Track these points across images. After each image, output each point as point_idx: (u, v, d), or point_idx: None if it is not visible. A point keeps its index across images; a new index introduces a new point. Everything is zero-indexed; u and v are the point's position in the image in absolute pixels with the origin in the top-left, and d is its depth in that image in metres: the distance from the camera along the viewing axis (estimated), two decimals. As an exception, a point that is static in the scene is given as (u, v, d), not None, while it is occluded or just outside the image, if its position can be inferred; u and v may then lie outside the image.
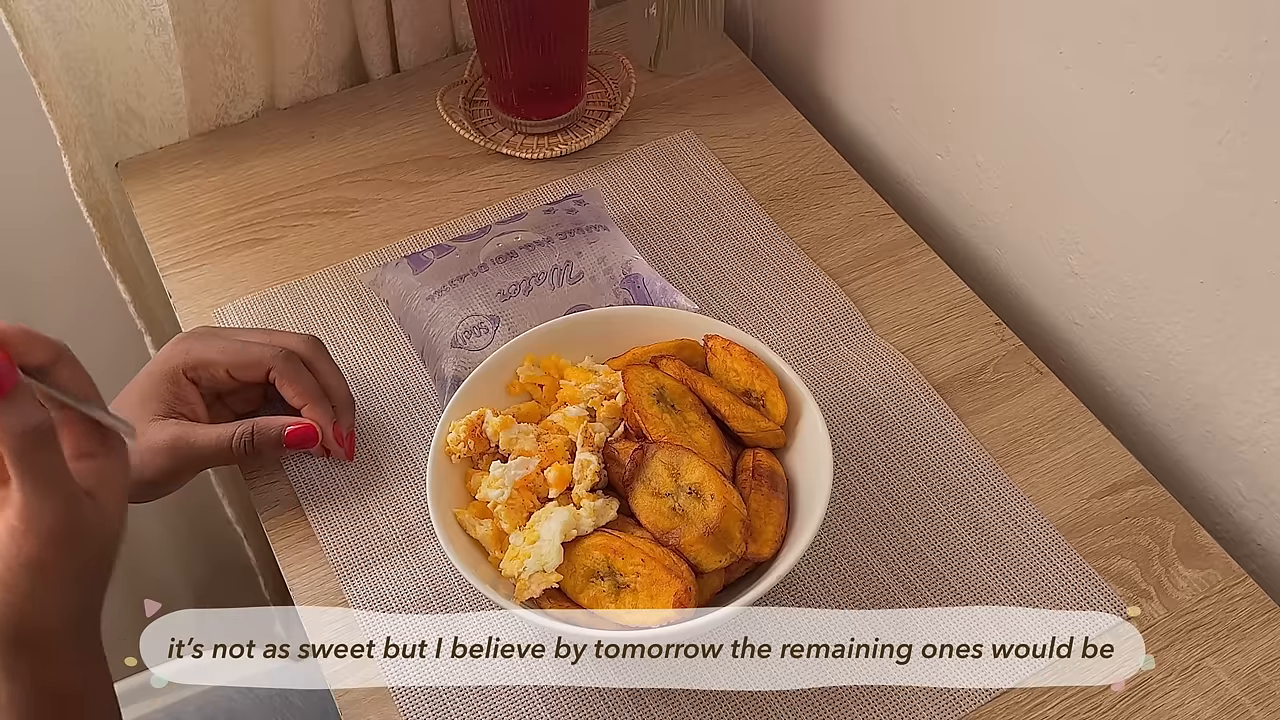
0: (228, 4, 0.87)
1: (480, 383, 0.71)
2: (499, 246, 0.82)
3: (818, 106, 1.01)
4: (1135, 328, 0.78)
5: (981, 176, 0.86)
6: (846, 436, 0.76)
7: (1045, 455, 0.76)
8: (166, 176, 0.93)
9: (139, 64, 0.89)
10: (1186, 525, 0.72)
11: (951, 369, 0.80)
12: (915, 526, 0.72)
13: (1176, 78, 0.68)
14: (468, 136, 0.93)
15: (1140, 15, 0.68)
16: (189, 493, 0.76)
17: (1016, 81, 0.80)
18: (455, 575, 0.69)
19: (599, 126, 0.95)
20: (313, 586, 0.71)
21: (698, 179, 0.92)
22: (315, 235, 0.89)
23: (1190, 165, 0.69)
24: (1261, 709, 0.65)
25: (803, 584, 0.70)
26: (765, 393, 0.70)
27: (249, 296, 0.85)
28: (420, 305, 0.80)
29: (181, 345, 0.71)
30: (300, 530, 0.73)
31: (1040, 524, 0.72)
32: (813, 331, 0.82)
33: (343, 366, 0.75)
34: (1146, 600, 0.69)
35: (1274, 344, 0.69)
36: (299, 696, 0.95)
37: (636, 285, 0.81)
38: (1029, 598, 0.69)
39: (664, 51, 0.99)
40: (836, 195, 0.91)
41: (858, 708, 0.65)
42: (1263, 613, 0.69)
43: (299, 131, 0.96)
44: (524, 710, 0.65)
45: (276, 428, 0.70)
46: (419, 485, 0.74)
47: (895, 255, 0.87)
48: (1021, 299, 0.87)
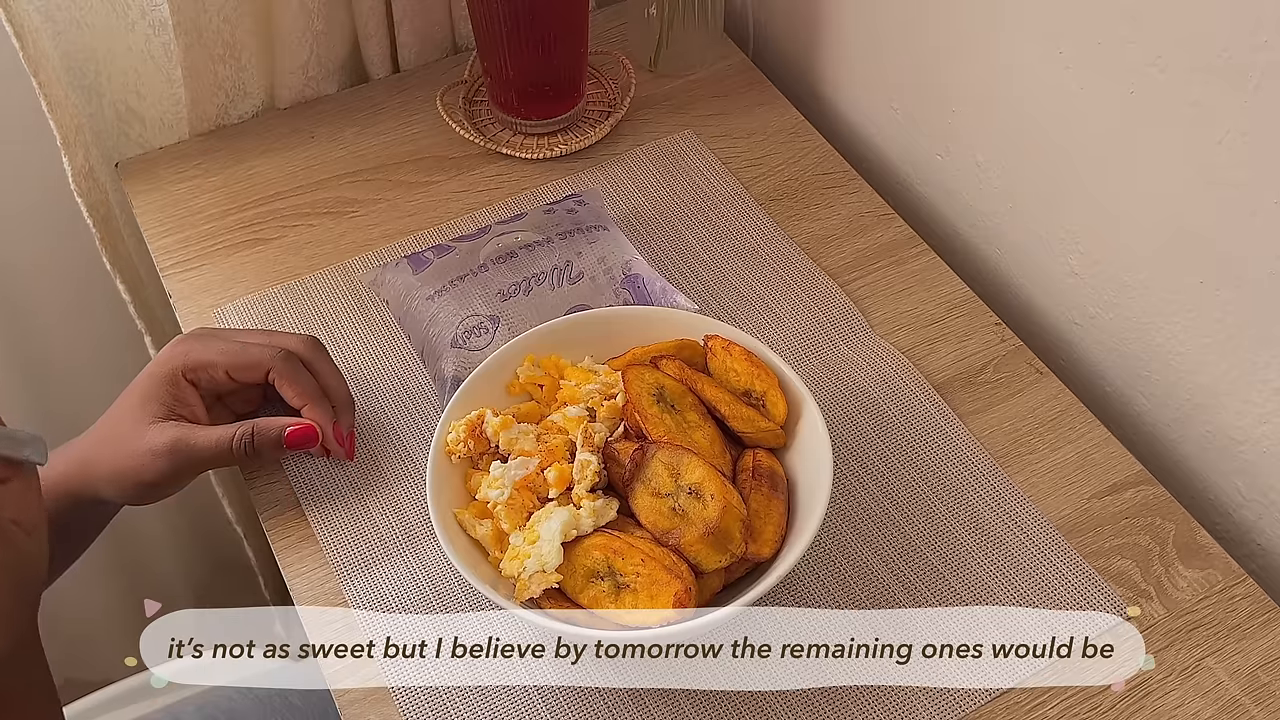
0: (228, 4, 0.87)
1: (480, 383, 0.71)
2: (499, 246, 0.82)
3: (818, 106, 1.01)
4: (1135, 328, 0.78)
5: (981, 176, 0.86)
6: (846, 436, 0.76)
7: (1045, 455, 0.76)
8: (166, 176, 0.93)
9: (139, 64, 0.89)
10: (1186, 525, 0.72)
11: (951, 369, 0.80)
12: (915, 526, 0.72)
13: (1176, 78, 0.68)
14: (468, 136, 0.93)
15: (1140, 15, 0.68)
16: (189, 493, 0.76)
17: (1016, 81, 0.80)
18: (455, 575, 0.69)
19: (599, 126, 0.95)
20: (313, 586, 0.71)
21: (698, 179, 0.92)
22: (315, 235, 0.89)
23: (1190, 165, 0.69)
24: (1261, 709, 0.65)
25: (803, 584, 0.70)
26: (765, 393, 0.70)
27: (249, 296, 0.85)
28: (420, 305, 0.80)
29: (180, 347, 0.71)
30: (300, 530, 0.73)
31: (1040, 524, 0.72)
32: (813, 331, 0.82)
33: (343, 366, 0.75)
34: (1146, 600, 0.69)
35: (1274, 344, 0.69)
36: (299, 696, 0.95)
37: (636, 285, 0.81)
38: (1029, 598, 0.69)
39: (664, 51, 0.99)
40: (836, 195, 0.91)
41: (858, 708, 0.65)
42: (1263, 613, 0.69)
43: (299, 131, 0.96)
44: (524, 710, 0.65)
45: (276, 428, 0.70)
46: (419, 485, 0.74)
47: (895, 255, 0.87)
48: (1021, 299, 0.87)
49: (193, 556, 1.35)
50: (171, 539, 1.31)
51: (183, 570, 1.36)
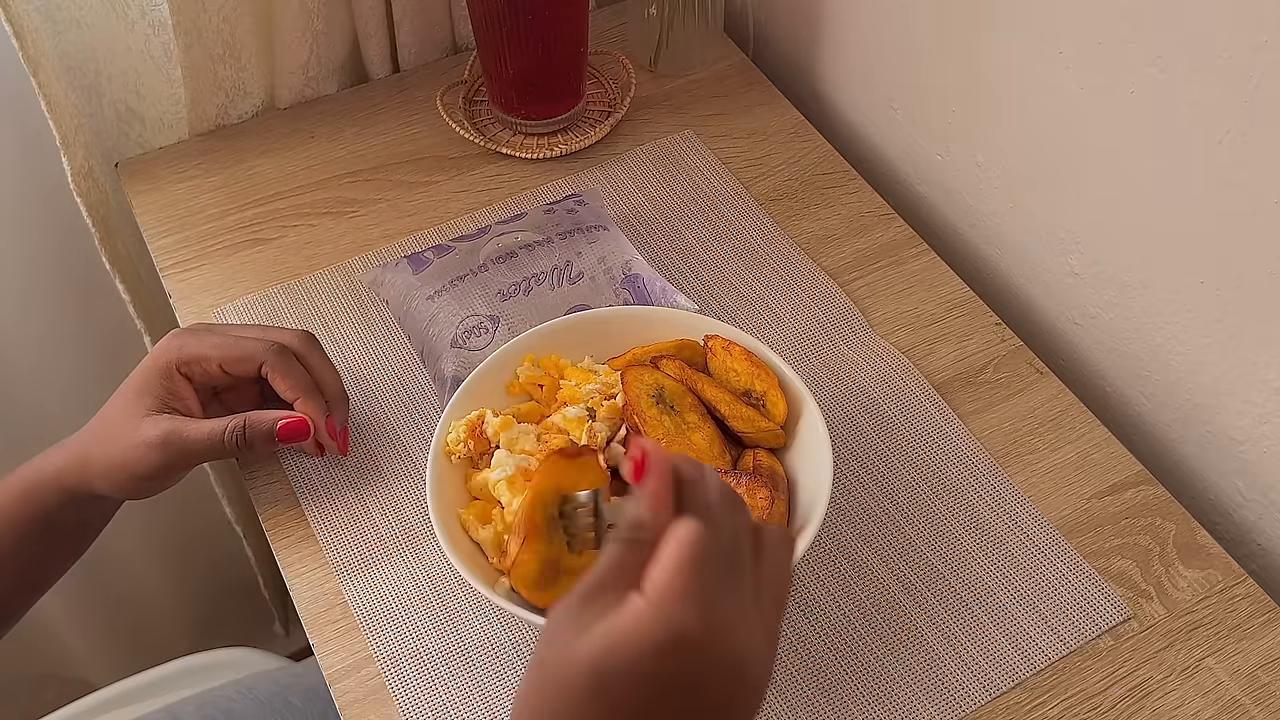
0: (228, 4, 0.87)
1: (480, 383, 0.71)
2: (499, 246, 0.82)
3: (818, 106, 1.01)
4: (1135, 328, 0.78)
5: (981, 176, 0.86)
6: (846, 436, 0.76)
7: (1045, 455, 0.76)
8: (166, 176, 0.93)
9: (139, 64, 0.89)
10: (1186, 525, 0.72)
11: (951, 369, 0.80)
12: (915, 526, 0.72)
13: (1176, 78, 0.68)
14: (468, 136, 0.93)
15: (1140, 15, 0.68)
16: (190, 494, 0.76)
17: (1016, 81, 0.80)
18: (455, 575, 0.69)
19: (599, 126, 0.95)
20: (313, 586, 0.71)
21: (698, 179, 0.92)
22: (315, 235, 0.89)
23: (1190, 165, 0.69)
24: (1261, 709, 0.65)
25: (803, 584, 0.70)
26: (765, 393, 0.70)
27: (249, 296, 0.85)
28: (420, 305, 0.80)
29: (174, 341, 0.71)
30: (300, 530, 0.73)
31: (1040, 524, 0.72)
32: (813, 331, 0.82)
33: (342, 366, 0.75)
34: (1147, 600, 0.69)
35: (1274, 344, 0.69)
36: (299, 697, 0.95)
37: (636, 285, 0.81)
38: (1029, 598, 0.69)
39: (664, 51, 0.99)
40: (836, 195, 0.91)
41: (858, 707, 0.65)
42: (1263, 613, 0.69)
43: (299, 131, 0.96)
44: (524, 710, 0.65)
45: (268, 421, 0.70)
46: (418, 485, 0.74)
47: (895, 255, 0.87)
48: (1021, 299, 0.87)
49: (192, 557, 1.35)
50: (171, 539, 1.31)
51: (182, 570, 1.36)
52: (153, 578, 1.34)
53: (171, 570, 1.35)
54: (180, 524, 1.29)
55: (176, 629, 1.39)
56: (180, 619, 1.39)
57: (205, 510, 1.24)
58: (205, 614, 1.41)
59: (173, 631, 1.39)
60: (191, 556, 1.35)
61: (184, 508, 1.26)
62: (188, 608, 1.39)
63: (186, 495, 1.26)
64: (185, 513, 1.28)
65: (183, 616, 1.39)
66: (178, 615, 1.39)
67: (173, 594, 1.36)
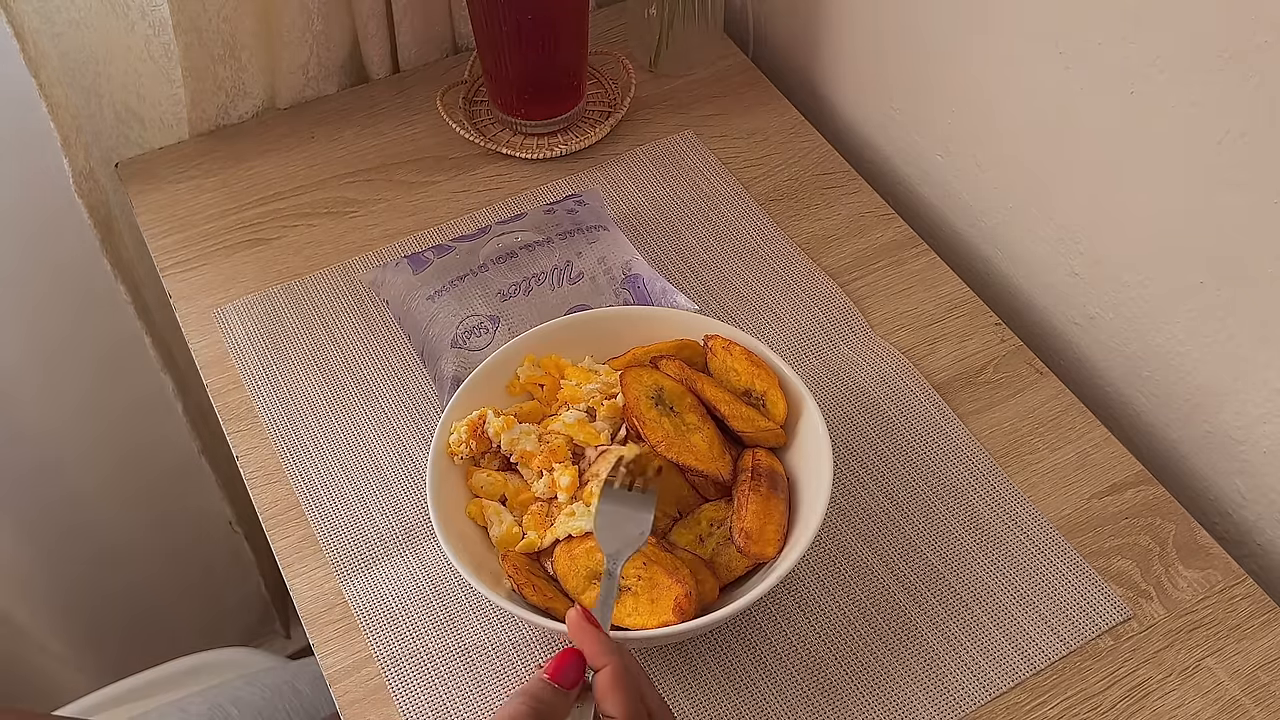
0: (228, 4, 0.87)
1: (480, 383, 0.71)
2: (499, 247, 0.82)
3: (818, 106, 1.01)
4: (1135, 328, 0.78)
5: (981, 176, 0.86)
6: (846, 436, 0.76)
7: (1045, 455, 0.76)
8: (166, 177, 0.93)
9: (139, 64, 0.89)
10: (1186, 525, 0.72)
11: (951, 369, 0.80)
12: (915, 526, 0.72)
13: (1176, 78, 0.68)
14: (468, 136, 0.93)
15: (1140, 15, 0.68)
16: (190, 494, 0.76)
17: (1016, 81, 0.80)
18: (455, 575, 0.69)
19: (599, 126, 0.95)
20: (313, 586, 0.71)
21: (698, 179, 0.92)
22: (315, 235, 0.89)
23: (1190, 165, 0.69)
24: (1261, 709, 0.65)
25: (803, 584, 0.70)
26: (765, 392, 0.70)
27: (249, 296, 0.85)
28: (420, 305, 0.80)
29: None
30: (300, 530, 0.73)
31: (1040, 524, 0.72)
32: (813, 331, 0.82)
33: (343, 366, 0.75)
34: (1147, 600, 0.69)
35: (1274, 344, 0.69)
36: (306, 683, 0.95)
37: (636, 285, 0.81)
38: (1029, 598, 0.69)
39: (664, 51, 0.99)
40: (836, 195, 0.91)
41: (858, 708, 0.65)
42: (1263, 613, 0.69)
43: (299, 131, 0.96)
44: (524, 710, 0.65)
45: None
46: (419, 485, 0.74)
47: (895, 255, 0.87)
48: (1021, 299, 0.87)
49: (193, 557, 1.35)
50: (172, 540, 1.31)
51: (183, 571, 1.36)
52: (153, 578, 1.34)
53: (171, 570, 1.35)
54: (180, 524, 1.30)
55: (177, 629, 1.39)
56: (180, 619, 1.39)
57: (206, 511, 1.24)
58: (205, 614, 1.41)
59: (173, 632, 1.39)
60: (191, 556, 1.35)
61: (184, 508, 1.27)
62: (188, 608, 1.39)
63: (187, 495, 1.27)
64: (185, 513, 1.28)
65: (183, 617, 1.39)
66: (178, 615, 1.39)
67: (173, 594, 1.36)
